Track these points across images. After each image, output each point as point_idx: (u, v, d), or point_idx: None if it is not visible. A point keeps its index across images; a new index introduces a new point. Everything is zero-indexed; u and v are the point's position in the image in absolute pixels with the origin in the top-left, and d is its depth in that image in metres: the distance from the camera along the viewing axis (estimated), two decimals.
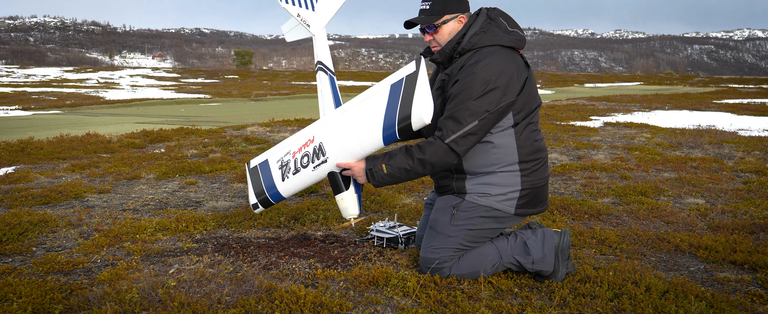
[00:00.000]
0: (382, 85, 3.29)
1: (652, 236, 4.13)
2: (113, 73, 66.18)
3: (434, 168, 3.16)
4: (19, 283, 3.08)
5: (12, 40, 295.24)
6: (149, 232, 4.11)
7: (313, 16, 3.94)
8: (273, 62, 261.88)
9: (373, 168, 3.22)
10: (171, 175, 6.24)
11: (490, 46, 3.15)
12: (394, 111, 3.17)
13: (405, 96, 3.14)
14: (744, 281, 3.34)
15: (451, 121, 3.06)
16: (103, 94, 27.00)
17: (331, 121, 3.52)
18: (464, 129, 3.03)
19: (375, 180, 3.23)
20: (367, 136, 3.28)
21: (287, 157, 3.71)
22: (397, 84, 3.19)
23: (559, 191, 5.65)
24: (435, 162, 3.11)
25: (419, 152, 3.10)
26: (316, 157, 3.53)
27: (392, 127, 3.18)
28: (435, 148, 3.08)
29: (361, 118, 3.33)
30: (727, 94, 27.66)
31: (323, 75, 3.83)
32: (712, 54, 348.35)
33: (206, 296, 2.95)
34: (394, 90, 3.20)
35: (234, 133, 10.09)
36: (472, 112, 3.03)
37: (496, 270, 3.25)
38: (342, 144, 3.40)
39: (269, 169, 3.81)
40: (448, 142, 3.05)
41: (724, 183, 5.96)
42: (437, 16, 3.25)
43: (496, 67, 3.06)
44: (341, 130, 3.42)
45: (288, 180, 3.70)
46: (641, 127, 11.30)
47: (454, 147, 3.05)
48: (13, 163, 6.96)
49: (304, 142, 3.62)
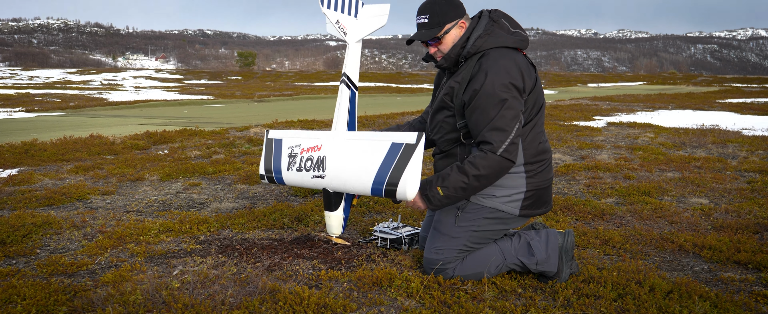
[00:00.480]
0: (385, 137, 3.36)
1: (655, 236, 4.12)
2: (116, 74, 66.29)
3: (490, 181, 3.10)
4: (24, 285, 3.08)
5: (15, 42, 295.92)
6: (153, 234, 4.11)
7: (352, 25, 3.86)
8: (276, 63, 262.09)
9: (429, 193, 3.17)
10: (174, 177, 6.24)
11: (495, 48, 3.15)
12: (386, 172, 3.29)
13: (398, 163, 3.25)
14: (748, 281, 3.33)
15: (496, 132, 3.02)
16: (107, 95, 27.05)
17: (339, 142, 3.62)
18: (511, 136, 3.02)
19: (432, 205, 3.19)
20: (360, 180, 3.44)
21: (296, 150, 3.84)
22: (397, 146, 3.28)
23: (562, 191, 5.65)
24: (491, 175, 3.06)
25: (473, 168, 3.04)
26: (317, 167, 3.68)
27: (380, 185, 3.32)
28: (489, 161, 3.02)
29: (360, 159, 3.46)
30: (731, 93, 27.62)
31: (345, 89, 3.79)
32: (715, 53, 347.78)
33: (210, 297, 2.95)
34: (393, 150, 3.29)
35: (237, 134, 10.10)
36: (510, 118, 3.02)
37: (499, 271, 3.25)
38: (339, 171, 3.57)
39: (280, 152, 3.96)
40: (501, 153, 3.01)
41: (728, 183, 5.95)
42: (439, 28, 3.24)
43: (512, 69, 3.06)
44: (342, 159, 3.56)
45: (291, 173, 3.86)
46: (645, 127, 11.28)
47: (506, 156, 3.02)
48: (16, 165, 6.98)
49: (312, 146, 3.74)
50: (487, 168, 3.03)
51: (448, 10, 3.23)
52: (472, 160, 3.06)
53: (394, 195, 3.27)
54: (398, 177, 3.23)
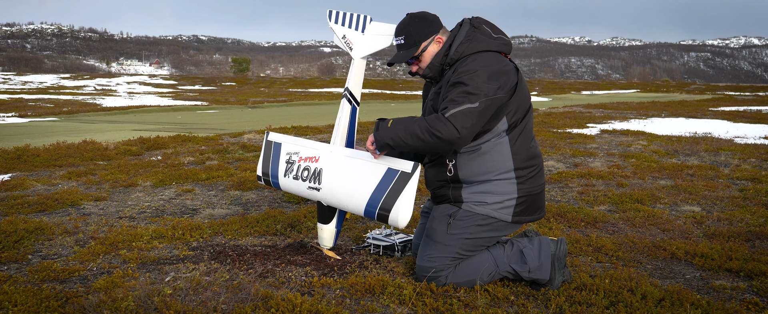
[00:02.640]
0: (382, 161, 3.35)
1: (648, 244, 4.13)
2: (110, 80, 66.14)
3: (432, 143, 3.04)
4: (15, 291, 3.07)
5: (9, 47, 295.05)
6: (145, 240, 4.10)
7: (358, 41, 3.81)
8: (270, 69, 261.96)
9: (380, 122, 3.22)
10: (167, 183, 6.23)
11: (477, 52, 3.17)
12: (380, 197, 3.31)
13: (393, 190, 3.27)
14: (740, 289, 3.34)
15: (451, 102, 3.02)
16: (100, 101, 26.98)
17: (337, 158, 3.61)
18: (463, 106, 2.98)
19: (378, 132, 3.19)
20: (354, 199, 3.46)
21: (294, 157, 3.84)
22: (393, 172, 3.28)
23: (555, 198, 5.66)
24: (434, 134, 3.00)
25: (422, 121, 3.05)
26: (313, 179, 3.69)
27: (374, 208, 3.34)
28: (438, 120, 3.00)
29: (356, 179, 3.46)
30: (724, 101, 27.74)
31: (347, 104, 3.77)
32: (708, 61, 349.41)
33: (202, 304, 2.95)
34: (389, 175, 3.30)
35: (231, 140, 10.09)
36: (472, 95, 3.00)
37: (492, 279, 3.25)
38: (334, 188, 3.58)
39: (279, 157, 3.96)
40: (448, 115, 2.98)
41: (720, 191, 5.97)
42: (415, 48, 3.30)
43: (489, 63, 3.09)
44: (339, 176, 3.56)
45: (287, 179, 3.87)
46: (638, 135, 11.32)
47: (453, 121, 2.97)
48: (9, 171, 6.95)
49: (311, 156, 3.75)
50: (433, 125, 3.00)
51: (422, 28, 3.28)
52: (426, 117, 3.08)
53: (386, 220, 3.30)
54: (391, 204, 3.26)
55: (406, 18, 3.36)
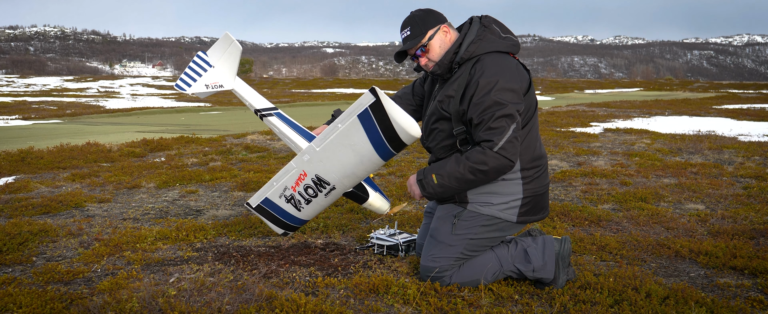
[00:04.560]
0: (348, 118, 3.19)
1: (652, 242, 4.13)
2: (113, 82, 66.28)
3: (487, 178, 3.08)
4: (20, 293, 3.08)
5: (12, 50, 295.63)
6: (149, 241, 4.11)
7: (218, 74, 3.78)
8: (273, 70, 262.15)
9: (424, 179, 3.20)
10: (171, 184, 6.24)
11: (488, 53, 3.16)
12: (379, 137, 3.15)
13: (381, 123, 3.11)
14: (744, 286, 3.33)
15: (492, 131, 3.00)
16: (104, 103, 27.03)
17: (315, 155, 3.43)
18: (507, 134, 2.99)
19: (426, 191, 3.22)
20: (364, 163, 3.30)
21: (287, 192, 3.62)
22: (365, 115, 3.12)
23: (559, 198, 5.65)
24: (488, 171, 3.03)
25: (470, 161, 3.05)
26: (320, 187, 3.51)
27: (385, 148, 3.18)
28: (486, 157, 3.00)
29: (349, 150, 3.30)
30: (727, 99, 27.69)
31: (271, 119, 3.77)
32: (711, 59, 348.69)
33: (206, 305, 2.95)
34: (365, 120, 3.14)
35: (234, 141, 10.10)
36: (507, 118, 3.00)
37: (496, 278, 3.25)
38: (342, 173, 3.40)
39: (278, 205, 3.70)
40: (498, 150, 2.99)
41: (724, 189, 5.96)
42: (422, 36, 3.27)
43: (507, 72, 3.07)
44: (335, 163, 3.39)
45: (304, 210, 3.67)
46: (641, 133, 11.30)
47: (503, 153, 2.99)
48: (13, 173, 6.97)
49: (298, 177, 3.54)
50: (483, 163, 3.01)
51: (427, 19, 3.28)
52: (469, 155, 3.06)
53: (401, 142, 3.14)
54: (392, 130, 3.10)
55: (410, 14, 3.35)
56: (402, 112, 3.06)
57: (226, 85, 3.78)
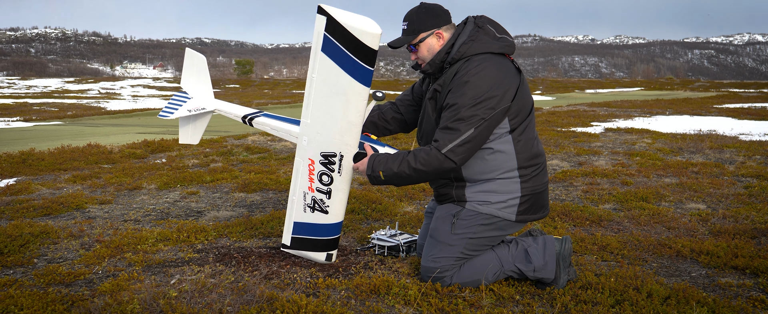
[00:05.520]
0: (314, 62, 3.22)
1: (653, 242, 4.12)
2: (114, 83, 66.29)
3: (429, 177, 3.21)
4: (21, 295, 3.08)
5: (13, 52, 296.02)
6: (150, 243, 4.11)
7: (199, 99, 4.08)
8: (274, 71, 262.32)
9: (372, 173, 3.26)
10: (172, 185, 6.24)
11: (479, 54, 3.16)
12: (348, 57, 3.13)
13: (342, 38, 3.10)
14: (746, 286, 3.33)
15: (446, 131, 3.08)
16: (105, 104, 27.05)
17: (309, 129, 3.41)
18: (460, 138, 3.04)
19: (371, 182, 3.31)
20: (350, 98, 3.24)
21: (308, 197, 3.55)
22: (326, 43, 3.14)
23: (560, 197, 5.65)
24: (429, 171, 3.13)
25: (415, 161, 3.13)
26: (330, 165, 3.42)
27: (357, 66, 3.15)
28: (430, 157, 3.10)
29: (329, 98, 3.28)
30: (728, 98, 27.66)
31: (258, 119, 3.90)
32: (712, 59, 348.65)
33: (208, 306, 2.95)
34: (329, 50, 3.15)
35: (235, 142, 10.10)
36: (467, 121, 3.04)
37: (497, 278, 3.25)
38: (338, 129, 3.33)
39: (307, 223, 3.60)
40: (445, 151, 3.06)
41: (726, 188, 5.96)
42: (413, 36, 3.29)
43: (489, 76, 3.07)
44: (325, 124, 3.35)
45: (330, 207, 3.53)
46: (642, 133, 11.30)
47: (450, 156, 3.06)
48: (14, 175, 6.97)
49: (309, 171, 3.49)
50: (426, 163, 3.11)
51: (425, 19, 3.28)
52: (416, 153, 3.14)
53: (371, 51, 3.13)
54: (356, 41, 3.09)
55: (417, 5, 3.36)
56: (351, 15, 3.10)
57: (208, 107, 4.03)
